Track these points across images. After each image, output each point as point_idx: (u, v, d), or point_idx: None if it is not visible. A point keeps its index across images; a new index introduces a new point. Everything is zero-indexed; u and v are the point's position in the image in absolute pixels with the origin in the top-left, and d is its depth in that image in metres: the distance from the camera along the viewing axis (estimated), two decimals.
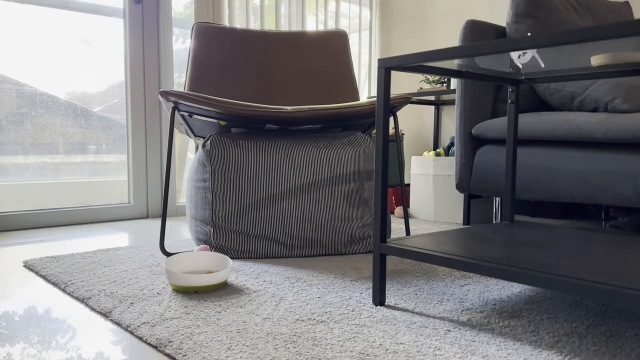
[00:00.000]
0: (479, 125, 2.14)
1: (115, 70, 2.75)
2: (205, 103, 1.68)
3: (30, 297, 1.31)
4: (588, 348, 0.97)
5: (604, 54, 1.18)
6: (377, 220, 1.21)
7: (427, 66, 1.24)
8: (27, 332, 1.07)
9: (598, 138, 1.76)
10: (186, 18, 3.04)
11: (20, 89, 2.45)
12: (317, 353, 0.93)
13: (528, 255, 1.11)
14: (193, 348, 0.95)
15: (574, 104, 2.03)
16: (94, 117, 2.70)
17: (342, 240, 1.78)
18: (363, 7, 3.62)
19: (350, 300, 1.26)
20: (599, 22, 2.37)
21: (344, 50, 2.53)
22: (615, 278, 0.91)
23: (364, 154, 1.84)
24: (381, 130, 1.20)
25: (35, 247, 1.96)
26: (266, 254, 1.74)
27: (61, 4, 2.53)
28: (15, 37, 2.44)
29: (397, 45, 3.64)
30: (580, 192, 1.82)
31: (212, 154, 1.73)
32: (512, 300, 1.26)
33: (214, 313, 1.15)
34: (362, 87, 3.63)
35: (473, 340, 1.01)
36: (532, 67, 1.33)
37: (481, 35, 2.19)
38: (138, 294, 1.29)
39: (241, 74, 2.40)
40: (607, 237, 1.36)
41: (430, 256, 1.12)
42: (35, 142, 2.50)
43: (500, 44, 0.98)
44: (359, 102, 1.84)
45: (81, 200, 2.64)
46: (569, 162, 1.84)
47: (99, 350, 0.97)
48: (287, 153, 1.77)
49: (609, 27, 0.83)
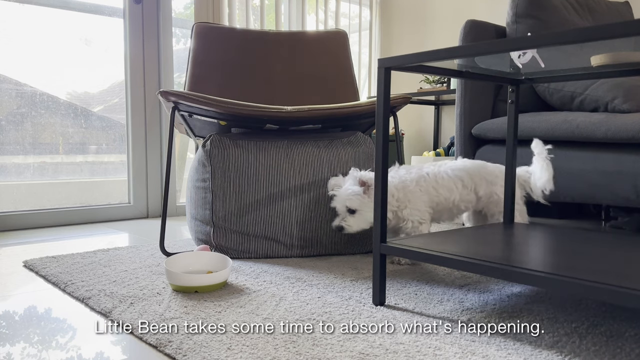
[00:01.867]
0: (479, 125, 2.13)
1: (115, 70, 2.75)
2: (205, 103, 1.68)
3: (30, 297, 1.31)
4: (588, 348, 0.97)
5: (604, 54, 1.18)
6: (377, 220, 1.21)
7: (427, 66, 1.24)
8: (27, 332, 1.07)
9: (598, 138, 1.76)
10: (186, 18, 3.04)
11: (20, 89, 2.45)
12: (317, 353, 0.93)
13: (528, 255, 1.11)
14: (193, 348, 0.95)
15: (574, 104, 2.03)
16: (94, 117, 2.70)
17: (342, 240, 1.78)
18: (363, 7, 3.62)
19: (350, 300, 1.26)
20: (599, 22, 2.37)
21: (344, 50, 2.53)
22: (615, 278, 0.91)
23: (364, 154, 1.84)
24: (381, 130, 1.19)
25: (35, 247, 1.96)
26: (266, 254, 1.74)
27: (61, 4, 2.53)
28: (15, 37, 2.44)
29: (397, 45, 3.64)
30: (580, 192, 1.82)
31: (212, 154, 1.73)
32: (512, 300, 1.26)
33: (214, 313, 1.15)
34: (362, 87, 3.63)
35: (473, 340, 1.01)
36: (532, 67, 1.33)
37: (481, 35, 2.19)
38: (138, 294, 1.29)
39: (241, 74, 2.40)
40: (607, 237, 1.36)
41: (430, 256, 1.12)
42: (35, 142, 2.50)
43: (500, 44, 0.98)
44: (359, 102, 1.84)
45: (81, 200, 2.64)
46: (569, 162, 1.84)
47: (99, 350, 0.97)
48: (287, 153, 1.77)
49: (609, 27, 0.83)
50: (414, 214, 1.60)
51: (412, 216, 1.60)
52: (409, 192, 1.60)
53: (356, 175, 1.55)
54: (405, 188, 1.60)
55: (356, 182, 1.54)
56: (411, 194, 1.60)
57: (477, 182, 1.68)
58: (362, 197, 1.53)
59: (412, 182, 1.61)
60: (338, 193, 1.58)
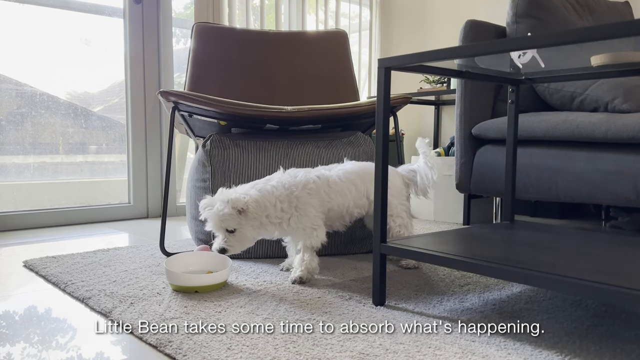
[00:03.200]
0: (479, 125, 2.13)
1: (115, 70, 2.75)
2: (205, 103, 1.68)
3: (30, 297, 1.31)
4: (588, 348, 0.97)
5: (604, 54, 1.18)
6: (377, 220, 1.21)
7: (427, 66, 1.24)
8: (28, 332, 1.07)
9: (598, 138, 1.76)
10: (186, 18, 3.04)
11: (20, 89, 2.45)
12: (317, 353, 0.93)
13: (528, 255, 1.11)
14: (193, 348, 0.95)
15: (574, 104, 2.02)
16: (94, 117, 2.70)
17: (342, 240, 1.77)
18: (363, 7, 3.62)
19: (350, 300, 1.26)
20: (599, 22, 2.37)
21: (344, 50, 2.53)
22: (615, 278, 0.91)
23: (364, 154, 1.84)
24: (381, 130, 1.19)
25: (35, 247, 1.96)
26: (266, 254, 1.74)
27: (61, 4, 2.53)
28: (15, 37, 2.44)
29: (397, 45, 3.64)
30: (580, 192, 1.82)
31: (212, 154, 1.73)
32: (512, 300, 1.26)
33: (214, 313, 1.15)
34: (362, 87, 3.63)
35: (473, 340, 1.01)
36: (532, 67, 1.33)
37: (481, 35, 2.19)
38: (138, 294, 1.29)
39: (241, 74, 2.40)
40: (607, 237, 1.36)
41: (430, 256, 1.12)
42: (35, 142, 2.50)
43: (500, 44, 0.98)
44: (359, 102, 1.84)
45: (81, 200, 2.64)
46: (569, 162, 1.84)
47: (99, 350, 0.97)
48: (287, 153, 1.77)
49: (609, 27, 0.83)
50: (303, 220, 1.45)
51: (300, 223, 1.45)
52: (294, 198, 1.45)
53: (226, 199, 1.36)
54: (290, 195, 1.45)
55: (227, 205, 1.36)
56: (298, 200, 1.45)
57: (368, 186, 1.57)
58: (237, 216, 1.36)
59: (298, 187, 1.46)
60: (210, 215, 1.38)
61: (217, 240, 1.40)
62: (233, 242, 1.39)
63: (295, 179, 1.48)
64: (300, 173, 1.51)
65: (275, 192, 1.44)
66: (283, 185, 1.46)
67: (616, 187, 1.73)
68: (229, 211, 1.35)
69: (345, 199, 1.54)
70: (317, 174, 1.52)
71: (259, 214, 1.39)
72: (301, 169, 1.54)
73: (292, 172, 1.52)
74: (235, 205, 1.35)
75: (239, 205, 1.35)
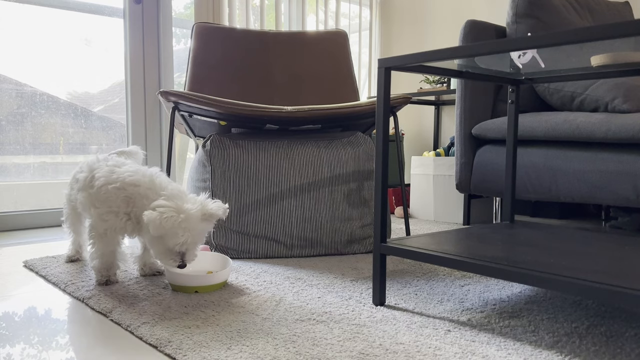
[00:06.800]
0: (479, 125, 2.13)
1: (116, 70, 2.75)
2: (205, 103, 1.68)
3: (30, 297, 1.31)
4: (588, 348, 0.97)
5: (604, 54, 1.18)
6: (377, 220, 1.21)
7: (427, 66, 1.24)
8: (28, 332, 1.07)
9: (598, 138, 1.76)
10: (186, 18, 3.04)
11: (20, 89, 2.45)
12: (317, 353, 0.93)
13: (528, 255, 1.10)
14: (193, 348, 0.95)
15: (574, 104, 2.03)
16: (94, 117, 2.70)
17: (342, 240, 1.78)
18: (363, 7, 3.62)
19: (350, 300, 1.26)
20: (599, 22, 2.37)
21: (344, 50, 2.53)
22: (615, 278, 0.91)
23: (364, 154, 1.84)
24: (381, 130, 1.20)
25: (35, 247, 1.96)
26: (266, 254, 1.74)
27: (61, 4, 2.53)
28: (15, 37, 2.44)
29: (397, 45, 3.64)
30: (580, 192, 1.82)
31: (212, 154, 1.73)
32: (512, 300, 1.26)
33: (214, 313, 1.15)
34: (362, 87, 3.63)
35: (473, 340, 1.01)
36: (532, 67, 1.33)
37: (481, 35, 2.19)
38: (138, 294, 1.29)
39: (241, 74, 2.40)
40: (607, 237, 1.36)
41: (430, 256, 1.12)
42: (35, 142, 2.50)
43: (500, 44, 0.98)
44: (359, 102, 1.84)
45: None
46: (569, 162, 1.84)
47: (99, 351, 0.97)
48: (287, 153, 1.77)
49: (609, 27, 0.83)
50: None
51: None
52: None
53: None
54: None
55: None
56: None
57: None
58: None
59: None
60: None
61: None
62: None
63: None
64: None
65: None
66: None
67: (616, 187, 1.73)
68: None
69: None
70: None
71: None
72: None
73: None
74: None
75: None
